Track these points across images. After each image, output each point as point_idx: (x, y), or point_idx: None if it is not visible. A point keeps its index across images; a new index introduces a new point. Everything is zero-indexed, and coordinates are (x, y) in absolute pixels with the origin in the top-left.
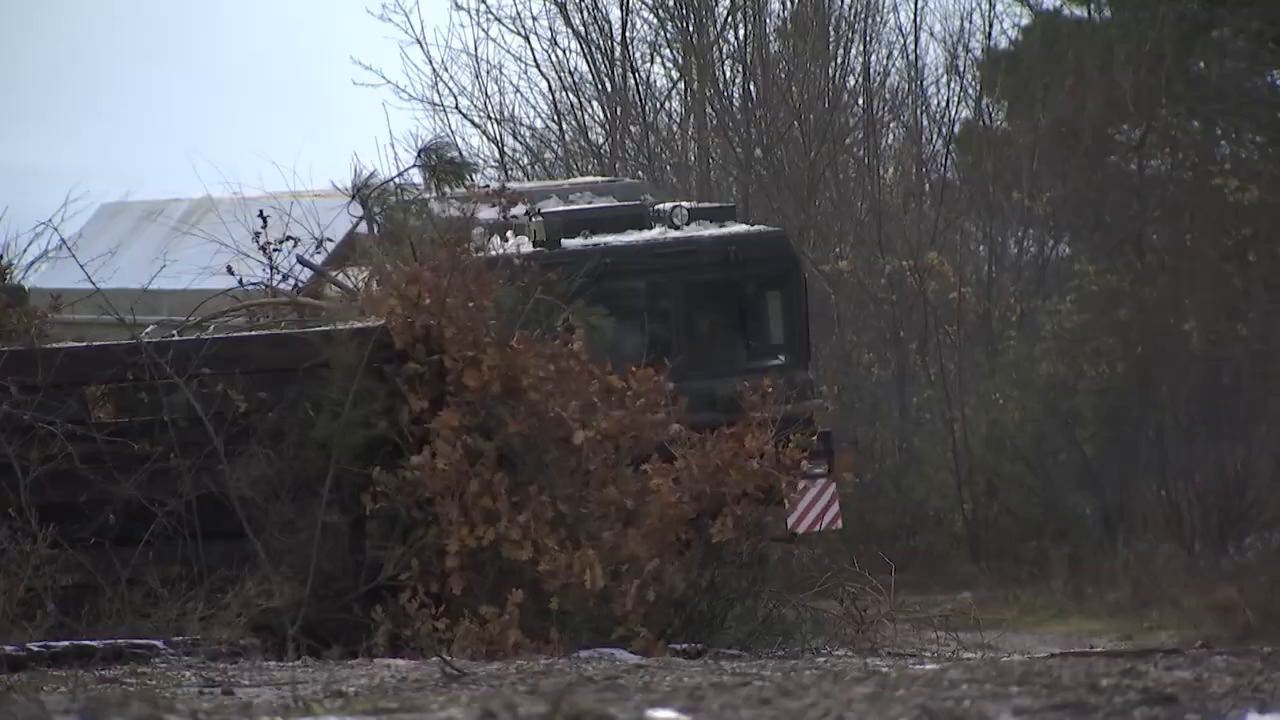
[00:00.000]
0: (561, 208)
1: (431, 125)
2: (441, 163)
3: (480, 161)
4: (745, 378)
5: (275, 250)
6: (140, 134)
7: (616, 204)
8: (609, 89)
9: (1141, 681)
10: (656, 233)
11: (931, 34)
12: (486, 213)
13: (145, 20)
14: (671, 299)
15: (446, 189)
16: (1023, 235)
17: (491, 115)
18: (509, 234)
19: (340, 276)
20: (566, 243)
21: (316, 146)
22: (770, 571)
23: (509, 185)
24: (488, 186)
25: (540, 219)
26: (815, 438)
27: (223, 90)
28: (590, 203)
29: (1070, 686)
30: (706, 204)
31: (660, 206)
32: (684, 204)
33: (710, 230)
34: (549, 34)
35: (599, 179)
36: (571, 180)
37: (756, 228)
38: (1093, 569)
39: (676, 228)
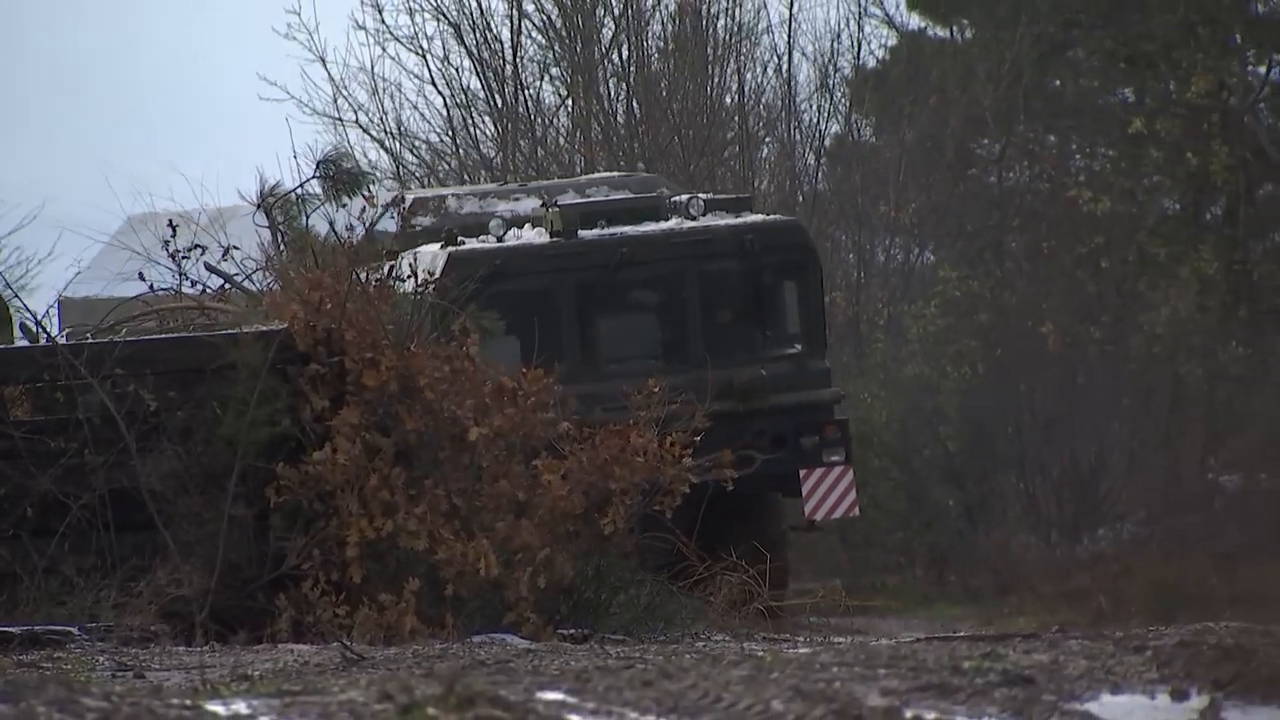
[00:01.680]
0: (578, 200)
1: (332, 139)
2: (340, 173)
3: (378, 174)
4: (762, 366)
5: (184, 258)
6: (52, 150)
7: (633, 196)
8: (500, 105)
9: (1001, 664)
10: (673, 223)
11: (804, 54)
12: (502, 205)
13: (56, 42)
14: (688, 289)
15: (346, 198)
16: (889, 244)
17: (389, 130)
18: (527, 225)
19: (245, 282)
20: (583, 233)
21: (225, 160)
22: (653, 560)
23: (506, 186)
24: (399, 197)
25: (557, 209)
26: (833, 426)
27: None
28: (607, 196)
29: (934, 669)
30: (723, 195)
31: (677, 198)
32: (700, 195)
33: (726, 220)
34: (443, 53)
35: (615, 173)
36: (589, 176)
37: (773, 217)
38: (955, 558)
39: (693, 218)
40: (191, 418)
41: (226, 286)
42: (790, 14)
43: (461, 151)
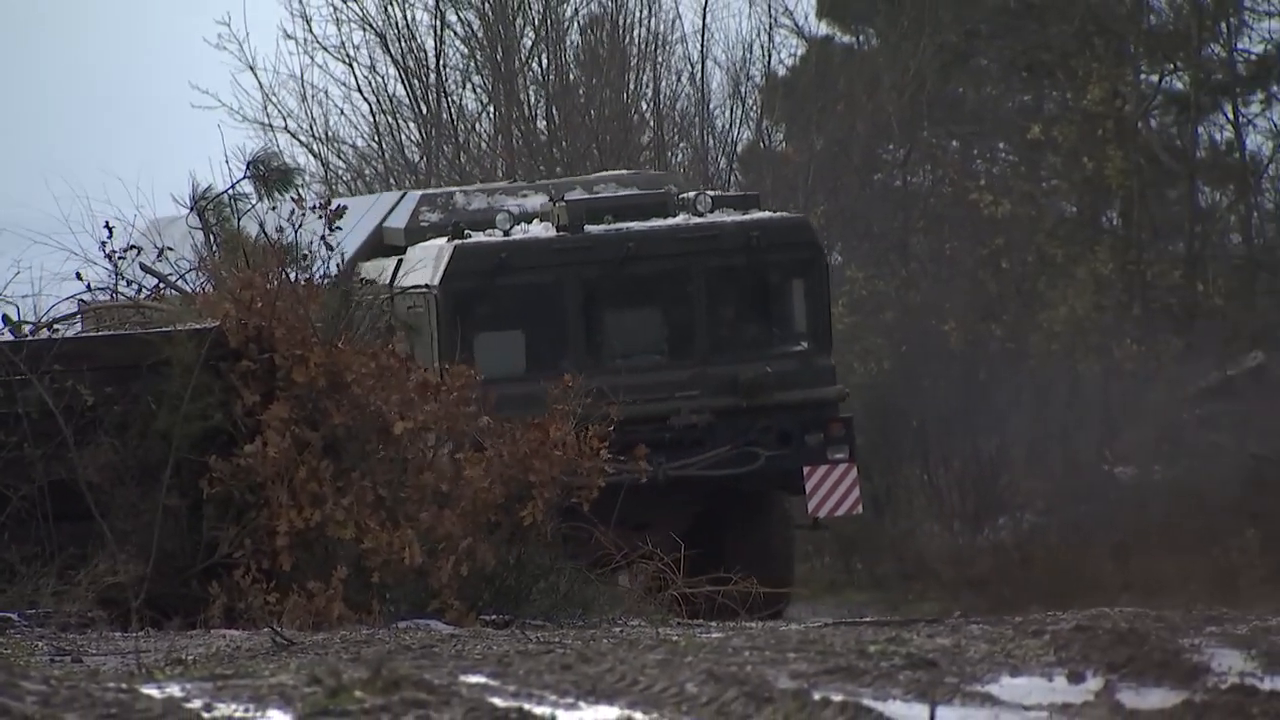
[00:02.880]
0: (585, 195)
1: (263, 145)
2: (269, 171)
3: (307, 177)
4: (767, 363)
5: (120, 258)
6: None
7: (640, 192)
8: (424, 112)
9: (906, 648)
10: (680, 219)
11: (716, 62)
12: (512, 201)
13: None
14: (694, 284)
15: (277, 194)
16: None
17: (317, 135)
18: (535, 220)
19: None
20: (590, 229)
21: (159, 165)
22: (572, 549)
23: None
24: (326, 201)
25: (563, 205)
26: (838, 423)
27: (71, 115)
28: (615, 192)
29: (842, 653)
30: (731, 192)
31: (684, 195)
32: (708, 191)
33: (733, 217)
34: (369, 62)
35: (624, 171)
36: (598, 174)
37: (780, 215)
38: (862, 547)
39: (700, 214)
40: (127, 412)
41: (161, 286)
42: (703, 24)
43: (387, 156)
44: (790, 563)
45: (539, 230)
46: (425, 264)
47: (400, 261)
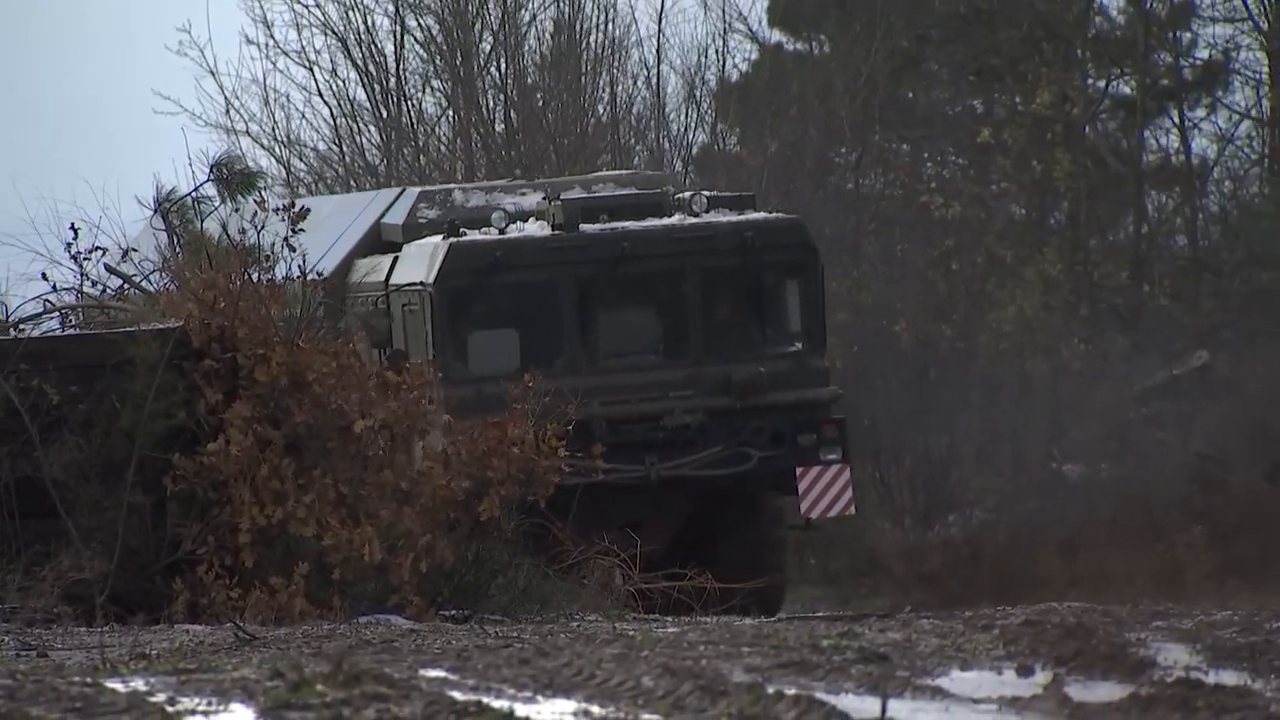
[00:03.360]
0: (581, 194)
1: (226, 149)
2: (233, 174)
3: (268, 180)
4: (761, 364)
5: (86, 259)
6: None
7: (636, 191)
8: (384, 116)
9: (858, 642)
10: (675, 219)
11: (672, 67)
12: (509, 200)
13: None
14: (688, 284)
15: (240, 197)
16: None
17: (279, 139)
18: (530, 219)
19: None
20: (585, 227)
21: (124, 168)
22: (530, 545)
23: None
24: (290, 203)
25: (559, 203)
26: (831, 424)
27: (38, 120)
28: (611, 192)
29: (795, 647)
30: (727, 192)
31: (680, 194)
32: (704, 191)
33: (729, 217)
34: (330, 66)
35: (621, 171)
36: (595, 173)
37: (775, 215)
38: (815, 542)
39: (695, 214)
40: (92, 411)
41: (126, 287)
42: (659, 29)
43: (348, 159)
44: (782, 563)
45: (534, 229)
46: (420, 261)
47: (397, 258)
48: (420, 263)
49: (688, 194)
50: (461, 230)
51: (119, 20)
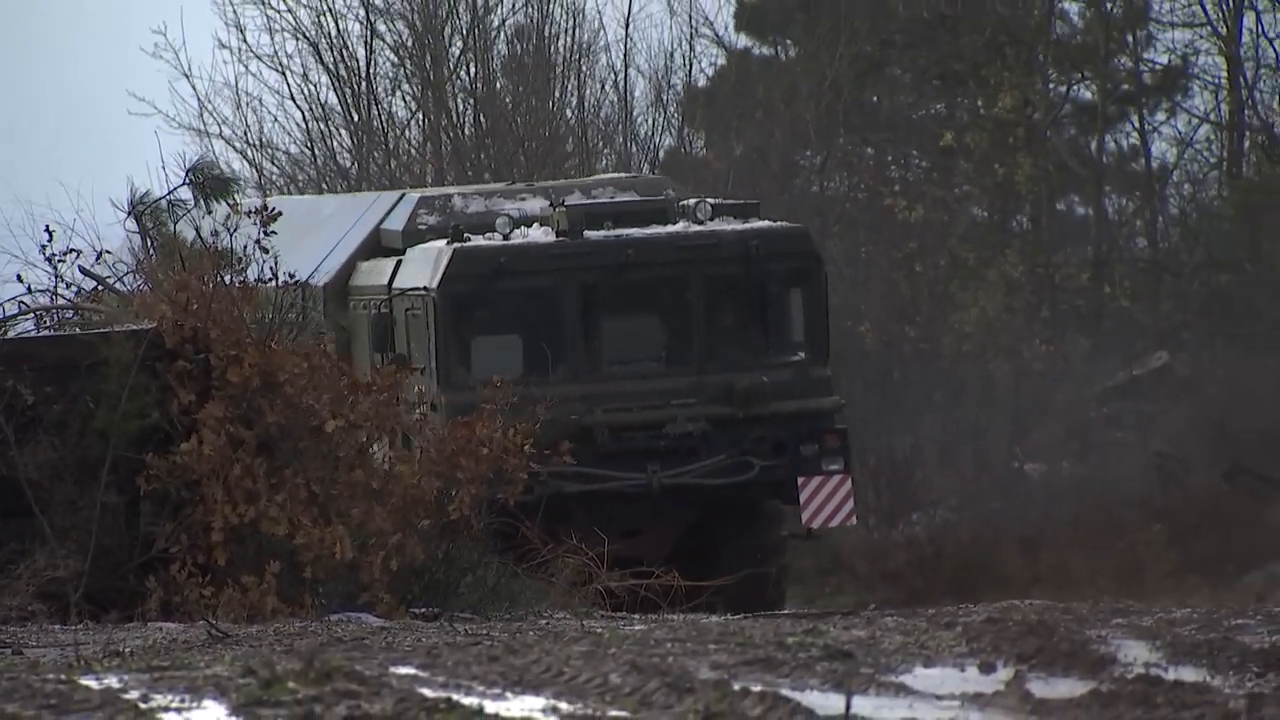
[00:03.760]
0: (585, 200)
1: (199, 151)
2: (208, 179)
3: (241, 183)
4: (764, 373)
5: (60, 261)
6: None
7: (640, 198)
8: (355, 119)
9: (823, 639)
10: (679, 226)
11: (639, 71)
12: (511, 205)
13: None
14: (692, 292)
15: (215, 202)
16: None
17: (251, 142)
18: (534, 224)
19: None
20: (589, 234)
21: (99, 170)
22: (498, 544)
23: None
24: (263, 206)
25: (563, 209)
26: (833, 434)
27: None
28: (613, 197)
29: (760, 644)
30: (731, 200)
31: (684, 201)
32: (708, 199)
33: (733, 225)
34: (302, 70)
35: (622, 174)
36: (595, 177)
37: (780, 224)
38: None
39: (700, 222)
40: (67, 411)
41: (99, 288)
42: (626, 34)
43: (319, 161)
44: (782, 572)
45: (538, 235)
46: (424, 266)
47: (400, 262)
48: (424, 267)
49: (692, 201)
50: (465, 235)
51: (95, 22)
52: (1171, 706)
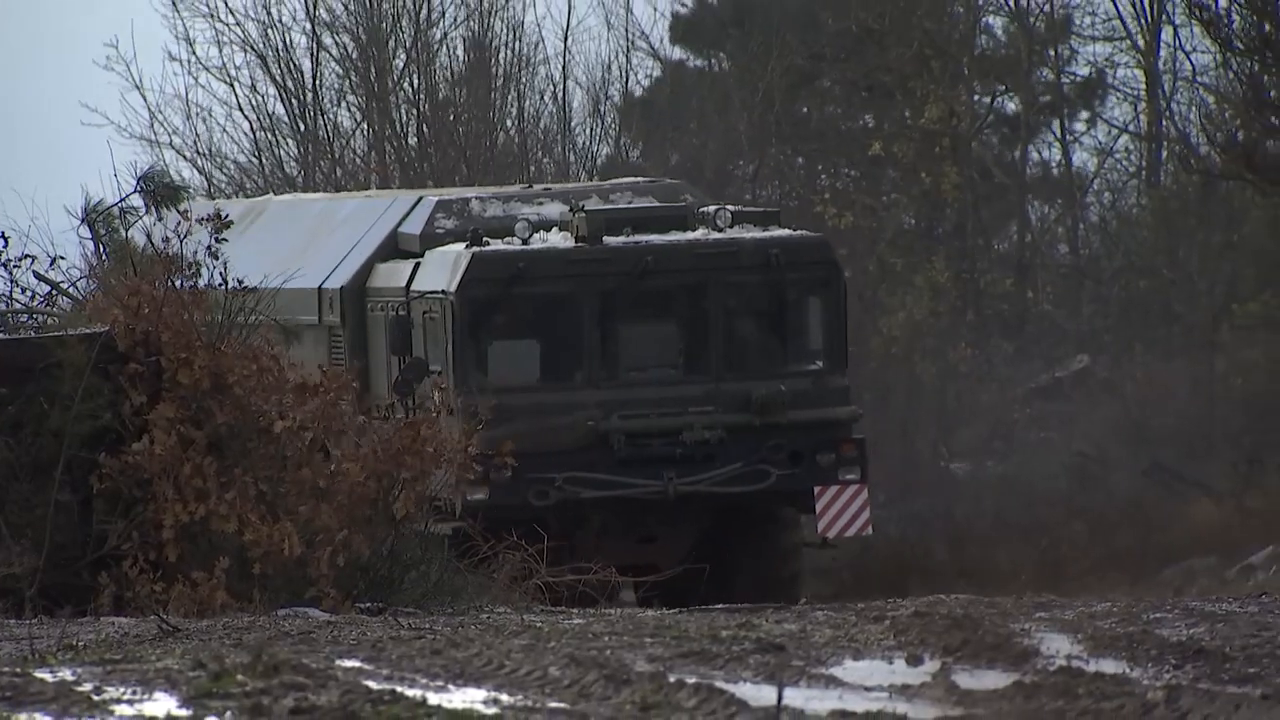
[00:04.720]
0: (604, 206)
1: (150, 160)
2: (159, 187)
3: (191, 190)
4: (782, 381)
5: (15, 267)
6: None
7: (660, 204)
8: (302, 129)
9: (756, 633)
10: (699, 233)
11: (577, 82)
12: (529, 209)
13: None
14: (711, 300)
15: (165, 209)
16: None
17: (200, 151)
18: (554, 229)
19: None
20: (608, 240)
21: (53, 179)
22: (443, 542)
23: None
24: (217, 213)
25: (583, 215)
26: (850, 444)
27: None
28: (631, 202)
29: (696, 637)
30: (751, 208)
31: (704, 208)
32: (728, 206)
33: (753, 233)
34: (250, 82)
35: (639, 179)
36: (612, 181)
37: (800, 233)
38: None
39: (719, 229)
40: (21, 412)
41: (54, 293)
42: (565, 46)
43: (267, 170)
44: (797, 580)
45: (558, 240)
46: (443, 269)
47: (418, 264)
48: (442, 270)
49: (711, 208)
50: (485, 240)
51: (49, 36)
52: (1092, 697)
